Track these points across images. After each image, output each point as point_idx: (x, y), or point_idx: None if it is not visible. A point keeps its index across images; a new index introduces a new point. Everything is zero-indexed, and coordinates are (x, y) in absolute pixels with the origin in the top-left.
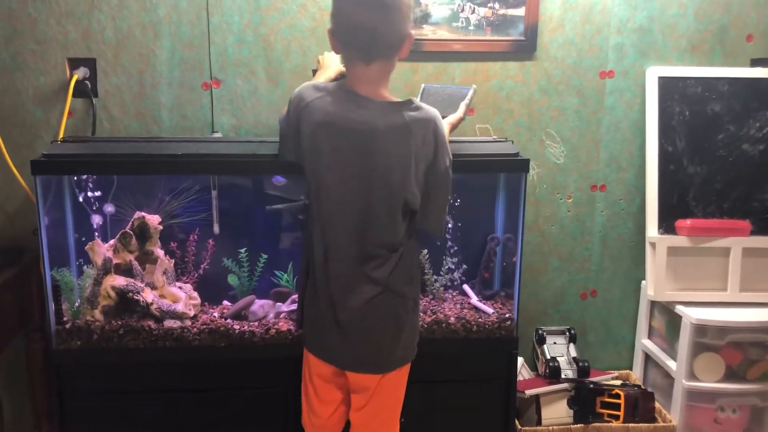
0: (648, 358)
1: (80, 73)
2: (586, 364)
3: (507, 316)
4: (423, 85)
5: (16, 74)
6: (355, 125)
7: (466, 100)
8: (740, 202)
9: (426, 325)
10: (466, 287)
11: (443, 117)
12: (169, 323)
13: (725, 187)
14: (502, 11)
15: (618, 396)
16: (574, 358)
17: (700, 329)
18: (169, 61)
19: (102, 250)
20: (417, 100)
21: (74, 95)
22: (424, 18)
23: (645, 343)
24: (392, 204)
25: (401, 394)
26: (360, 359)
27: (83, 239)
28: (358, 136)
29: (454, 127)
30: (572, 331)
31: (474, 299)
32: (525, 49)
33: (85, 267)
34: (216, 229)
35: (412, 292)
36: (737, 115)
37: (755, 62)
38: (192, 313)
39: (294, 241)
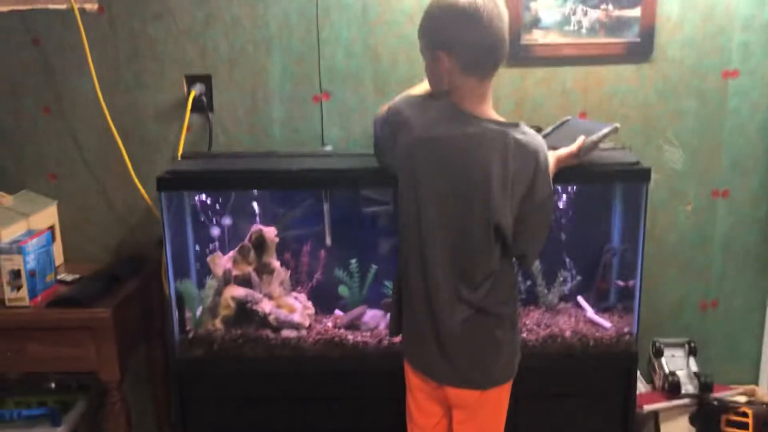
0: None
1: (197, 89)
2: (709, 379)
3: (625, 330)
4: (568, 117)
5: (137, 92)
6: (459, 143)
7: (593, 137)
8: None
9: (540, 340)
10: (580, 299)
11: None
12: (286, 333)
13: None
14: (616, 13)
15: (746, 414)
16: (695, 373)
17: None
18: (281, 76)
19: (222, 261)
20: (524, 125)
21: (192, 111)
22: (534, 23)
23: None
24: (488, 224)
25: (503, 412)
26: (459, 375)
27: (205, 251)
28: (461, 153)
29: (562, 159)
30: (692, 344)
31: (589, 312)
32: (641, 50)
33: (206, 278)
34: (328, 240)
35: (508, 312)
36: None
37: None
38: (308, 323)
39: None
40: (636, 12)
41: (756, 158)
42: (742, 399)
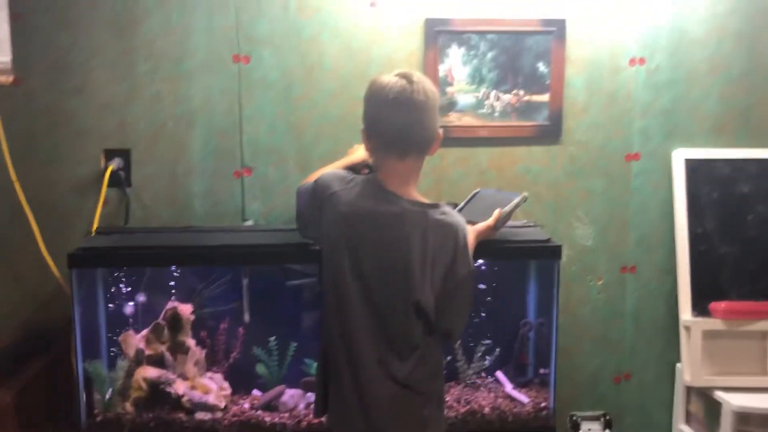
0: None
1: (115, 163)
2: None
3: (543, 405)
4: (478, 190)
5: (53, 165)
6: (381, 220)
7: (507, 208)
8: None
9: (460, 417)
10: (499, 374)
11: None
12: (200, 415)
13: (759, 267)
14: (526, 98)
15: None
16: None
17: (743, 417)
18: (202, 150)
19: (134, 341)
20: (444, 205)
21: (109, 185)
22: (450, 106)
23: (683, 428)
24: (407, 302)
25: None
26: None
27: (116, 330)
28: (382, 231)
29: (481, 234)
30: (608, 417)
31: (508, 387)
32: (550, 133)
33: (117, 359)
34: (247, 317)
35: (435, 388)
36: (766, 196)
37: None
38: (223, 404)
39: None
40: (545, 97)
41: (660, 235)
42: None
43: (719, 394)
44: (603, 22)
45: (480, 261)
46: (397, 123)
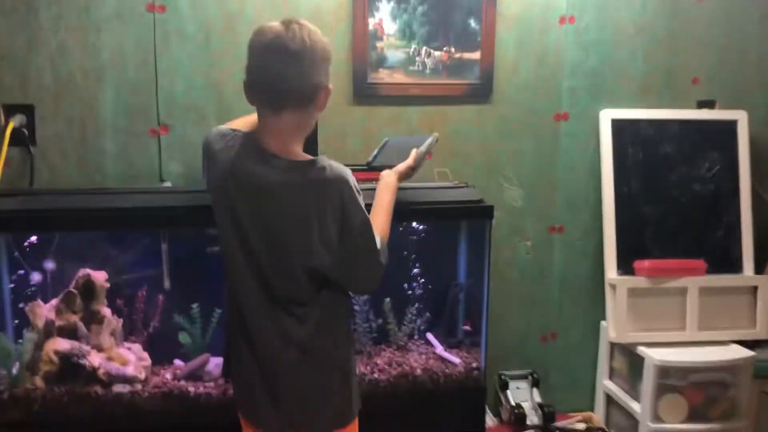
0: (610, 399)
1: (17, 120)
2: (551, 409)
3: (474, 365)
4: (386, 138)
5: None
6: (253, 181)
7: (422, 147)
8: (694, 242)
9: (392, 379)
10: (430, 336)
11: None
12: (118, 388)
13: (680, 226)
14: (457, 55)
15: None
16: (538, 404)
17: (664, 370)
18: (114, 107)
19: (43, 311)
20: (324, 160)
21: (10, 144)
22: (380, 62)
23: (606, 384)
24: (292, 265)
25: None
26: (288, 422)
27: (22, 300)
28: (256, 193)
29: (403, 174)
30: (535, 375)
31: (439, 349)
32: (481, 92)
33: (24, 330)
34: (167, 284)
35: (340, 358)
36: (687, 156)
37: (701, 104)
38: (143, 376)
39: None
40: (476, 55)
41: (586, 195)
42: (581, 426)
43: (642, 350)
44: None
45: (413, 223)
46: (267, 71)
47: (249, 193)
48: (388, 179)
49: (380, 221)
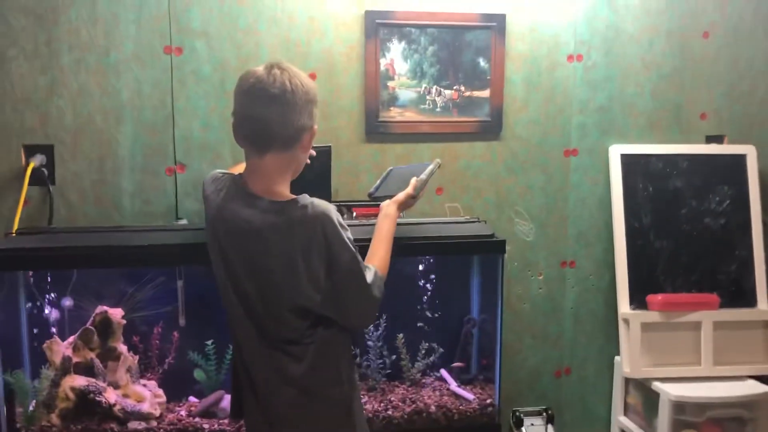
0: None
1: (37, 160)
2: None
3: (488, 401)
4: (390, 168)
5: None
6: (240, 224)
7: (422, 175)
8: (707, 276)
9: (406, 416)
10: (444, 372)
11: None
12: (134, 425)
13: (691, 260)
14: (467, 93)
15: None
16: None
17: (679, 406)
18: (132, 147)
19: (61, 348)
20: (306, 198)
21: (30, 183)
22: (392, 101)
23: (622, 420)
24: (281, 306)
25: None
26: None
27: (40, 338)
28: (241, 236)
29: (402, 204)
30: (549, 412)
31: (453, 385)
32: (491, 129)
33: (41, 368)
34: (182, 321)
35: (340, 394)
36: (697, 190)
37: (710, 139)
38: (158, 412)
39: None
40: (486, 93)
41: (598, 230)
42: None
43: (657, 385)
44: (542, 16)
45: (427, 257)
46: (249, 115)
47: (236, 236)
48: (387, 210)
49: (379, 253)
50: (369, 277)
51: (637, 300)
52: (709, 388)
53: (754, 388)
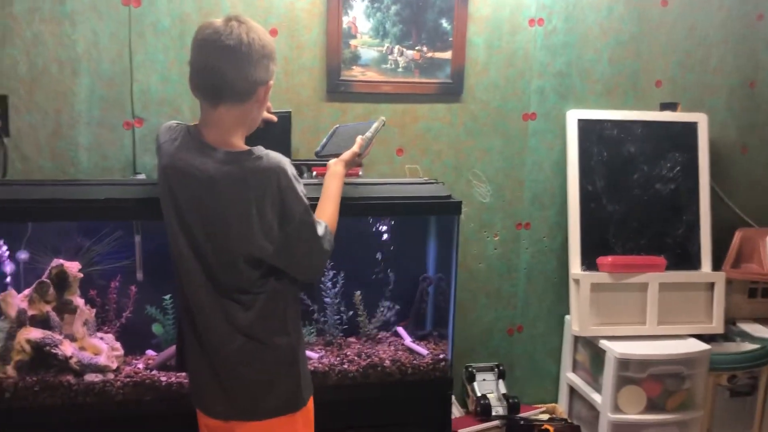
0: (573, 391)
1: None
2: (515, 400)
3: (441, 356)
4: (336, 126)
5: None
6: (193, 173)
7: (367, 133)
8: (655, 239)
9: (361, 370)
10: (399, 329)
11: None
12: (90, 377)
13: (641, 224)
14: (429, 54)
15: (548, 431)
16: (503, 395)
17: (623, 363)
18: (89, 100)
19: (16, 301)
20: (261, 150)
21: None
22: (354, 59)
23: (569, 376)
24: (234, 255)
25: None
26: (231, 407)
27: None
28: (195, 185)
29: (348, 162)
30: (501, 368)
31: (408, 340)
32: (452, 91)
33: None
34: (140, 275)
35: (286, 343)
36: (650, 156)
37: (664, 106)
38: (115, 365)
39: None
40: (447, 54)
41: (552, 193)
42: (545, 417)
43: (603, 343)
44: None
45: (383, 218)
46: (204, 66)
47: (190, 185)
48: (334, 168)
49: (327, 209)
50: (320, 230)
51: (588, 261)
52: (652, 346)
53: (694, 346)
